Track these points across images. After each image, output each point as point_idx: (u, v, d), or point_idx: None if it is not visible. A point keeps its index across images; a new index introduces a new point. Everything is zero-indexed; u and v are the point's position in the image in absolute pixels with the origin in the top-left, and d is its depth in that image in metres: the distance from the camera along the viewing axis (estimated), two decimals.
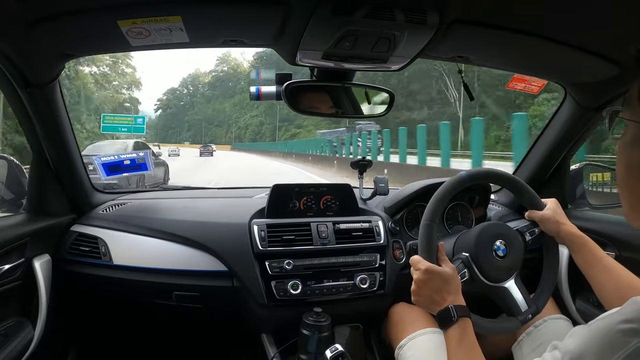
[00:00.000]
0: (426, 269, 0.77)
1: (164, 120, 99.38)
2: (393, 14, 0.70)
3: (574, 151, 1.29)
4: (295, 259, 1.08)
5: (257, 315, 1.09)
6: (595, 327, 0.45)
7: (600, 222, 1.19)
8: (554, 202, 0.92)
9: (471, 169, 0.92)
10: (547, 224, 0.89)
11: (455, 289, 0.76)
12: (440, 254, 0.80)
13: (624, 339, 0.41)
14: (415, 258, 0.80)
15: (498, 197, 1.51)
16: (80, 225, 1.17)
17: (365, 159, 1.37)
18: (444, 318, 0.73)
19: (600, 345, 0.42)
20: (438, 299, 0.75)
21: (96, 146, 10.10)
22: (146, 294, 1.14)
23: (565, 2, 0.68)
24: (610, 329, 0.42)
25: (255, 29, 0.82)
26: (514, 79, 1.13)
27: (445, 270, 0.77)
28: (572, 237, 0.85)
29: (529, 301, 0.86)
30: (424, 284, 0.77)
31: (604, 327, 0.43)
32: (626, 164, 0.50)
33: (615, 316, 0.43)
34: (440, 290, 0.75)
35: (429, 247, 0.80)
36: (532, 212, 0.92)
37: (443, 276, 0.76)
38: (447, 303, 0.74)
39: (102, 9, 0.70)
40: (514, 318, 0.84)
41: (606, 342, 0.42)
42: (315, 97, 1.04)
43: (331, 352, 0.92)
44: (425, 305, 0.78)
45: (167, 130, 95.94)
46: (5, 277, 0.92)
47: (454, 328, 0.72)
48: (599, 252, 0.83)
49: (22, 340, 0.94)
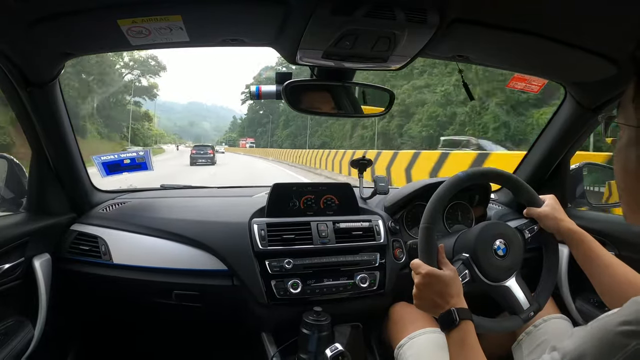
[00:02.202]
0: (427, 273, 0.76)
1: (251, 115, 77.43)
2: (393, 13, 0.70)
3: (573, 150, 1.29)
4: (295, 258, 1.08)
5: (257, 315, 1.10)
6: (594, 328, 0.45)
7: (599, 222, 1.19)
8: (552, 199, 0.92)
9: (469, 169, 0.92)
10: (546, 220, 0.89)
11: (456, 291, 0.76)
12: (440, 257, 0.80)
13: (623, 341, 0.41)
14: (415, 262, 0.80)
15: (498, 197, 1.52)
16: (80, 224, 1.17)
17: (365, 159, 1.37)
18: (446, 321, 0.73)
19: (600, 347, 0.42)
20: (440, 302, 0.75)
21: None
22: (146, 293, 1.14)
23: (565, 1, 0.68)
24: (610, 331, 0.42)
25: (255, 28, 0.82)
26: (514, 78, 1.13)
27: (446, 273, 0.77)
28: (571, 233, 0.86)
29: (531, 299, 0.86)
30: (425, 288, 0.76)
31: (603, 328, 0.43)
32: (623, 167, 0.51)
33: (615, 317, 0.43)
34: (442, 294, 0.75)
35: (429, 250, 0.80)
36: (530, 209, 0.92)
37: (444, 279, 0.76)
38: (449, 306, 0.74)
39: (102, 9, 0.70)
40: (516, 316, 0.84)
41: (605, 344, 0.42)
42: (315, 97, 1.04)
43: (331, 352, 0.92)
44: (428, 308, 0.78)
45: (254, 129, 72.90)
46: (5, 276, 0.92)
47: (456, 331, 0.71)
48: (598, 248, 0.83)
49: (22, 340, 0.94)
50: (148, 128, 42.56)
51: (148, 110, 44.31)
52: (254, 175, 13.06)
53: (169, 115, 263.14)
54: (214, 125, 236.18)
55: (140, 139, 38.14)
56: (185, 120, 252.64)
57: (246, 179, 10.91)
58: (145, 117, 43.72)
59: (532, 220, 0.93)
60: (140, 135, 38.16)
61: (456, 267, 0.82)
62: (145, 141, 39.53)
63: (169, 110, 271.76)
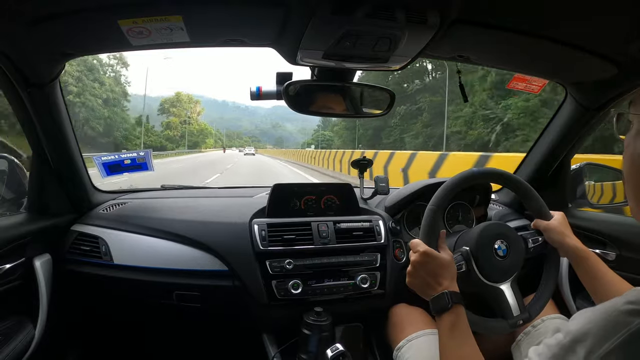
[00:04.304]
0: (424, 252, 0.77)
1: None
2: (394, 13, 0.70)
3: (574, 151, 1.29)
4: (296, 258, 1.08)
5: (258, 315, 1.10)
6: (598, 309, 0.45)
7: (600, 222, 1.19)
8: (561, 215, 0.92)
9: (484, 168, 0.92)
10: (552, 234, 0.89)
11: (450, 275, 0.76)
12: (440, 241, 0.81)
13: (627, 319, 0.41)
14: (415, 241, 0.80)
15: (498, 197, 1.52)
16: (81, 225, 1.17)
17: (365, 159, 1.37)
18: (438, 304, 0.73)
19: (603, 325, 0.43)
20: (432, 283, 0.75)
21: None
22: (146, 294, 1.14)
23: (566, 2, 0.68)
24: (614, 310, 0.43)
25: (255, 28, 0.82)
26: (515, 78, 1.13)
27: (443, 255, 0.77)
28: (575, 251, 0.85)
29: (522, 307, 0.85)
30: (420, 266, 0.77)
31: (607, 308, 0.44)
32: (631, 157, 0.52)
33: (619, 299, 0.44)
34: (436, 275, 0.75)
35: (431, 231, 0.80)
36: (538, 221, 0.92)
37: (440, 261, 0.76)
38: (441, 288, 0.74)
39: (102, 9, 0.70)
40: (504, 320, 0.83)
41: (609, 322, 0.42)
42: (315, 97, 1.04)
43: (332, 352, 0.92)
44: (419, 288, 0.77)
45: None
46: (5, 277, 0.93)
47: (448, 315, 0.71)
48: (602, 266, 0.82)
49: (23, 340, 0.94)
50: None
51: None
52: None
53: (251, 118, 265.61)
54: (299, 127, 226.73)
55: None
56: (269, 123, 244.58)
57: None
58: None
59: (537, 231, 0.93)
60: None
61: (454, 256, 0.82)
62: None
63: (252, 114, 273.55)
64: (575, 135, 1.22)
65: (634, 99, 0.52)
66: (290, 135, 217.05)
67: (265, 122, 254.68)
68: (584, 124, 1.17)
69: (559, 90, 1.57)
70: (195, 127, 72.44)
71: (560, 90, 1.17)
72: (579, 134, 1.21)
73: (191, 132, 68.10)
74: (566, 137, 1.23)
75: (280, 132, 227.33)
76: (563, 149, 1.27)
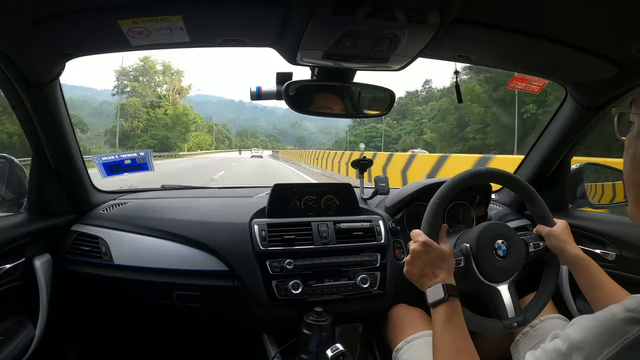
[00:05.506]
0: (424, 242, 0.77)
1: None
2: (394, 13, 0.70)
3: (574, 151, 1.29)
4: (296, 258, 1.08)
5: (258, 315, 1.09)
6: (597, 316, 0.45)
7: (600, 222, 1.19)
8: (564, 223, 0.92)
9: (491, 168, 0.92)
10: (554, 240, 0.89)
11: (448, 268, 0.76)
12: (441, 234, 0.81)
13: (625, 327, 0.41)
14: (416, 230, 0.81)
15: (498, 197, 1.52)
16: (81, 225, 1.17)
17: (365, 158, 1.37)
18: (435, 295, 0.72)
19: (601, 333, 0.43)
20: (430, 274, 0.75)
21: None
22: (147, 294, 1.14)
23: (566, 2, 0.68)
24: (612, 318, 0.43)
25: (255, 28, 0.82)
26: (515, 78, 1.13)
27: (442, 247, 0.78)
28: (576, 259, 0.85)
29: (518, 309, 0.84)
30: (418, 256, 0.77)
31: (606, 316, 0.44)
32: (632, 157, 0.52)
33: (618, 307, 0.44)
34: (434, 266, 0.75)
35: (433, 223, 0.81)
36: (541, 226, 0.92)
37: (439, 252, 0.76)
38: (438, 280, 0.74)
39: (102, 9, 0.70)
40: (499, 321, 0.82)
41: (607, 330, 0.42)
42: (315, 97, 1.04)
43: (332, 352, 0.92)
44: (416, 277, 0.77)
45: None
46: (5, 277, 0.92)
47: (444, 306, 0.71)
48: (602, 276, 0.82)
49: (23, 340, 0.94)
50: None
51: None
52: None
53: (269, 118, 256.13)
54: (319, 126, 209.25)
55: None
56: (287, 122, 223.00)
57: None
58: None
59: (539, 236, 0.92)
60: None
61: (454, 252, 0.82)
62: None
63: (269, 114, 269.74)
64: (575, 135, 1.22)
65: (635, 99, 0.52)
66: (311, 135, 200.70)
67: (284, 122, 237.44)
68: (584, 124, 1.17)
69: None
70: (170, 113, 43.05)
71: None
72: (579, 134, 1.21)
73: (160, 121, 41.34)
74: (566, 137, 1.23)
75: (300, 132, 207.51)
76: (563, 149, 1.26)
